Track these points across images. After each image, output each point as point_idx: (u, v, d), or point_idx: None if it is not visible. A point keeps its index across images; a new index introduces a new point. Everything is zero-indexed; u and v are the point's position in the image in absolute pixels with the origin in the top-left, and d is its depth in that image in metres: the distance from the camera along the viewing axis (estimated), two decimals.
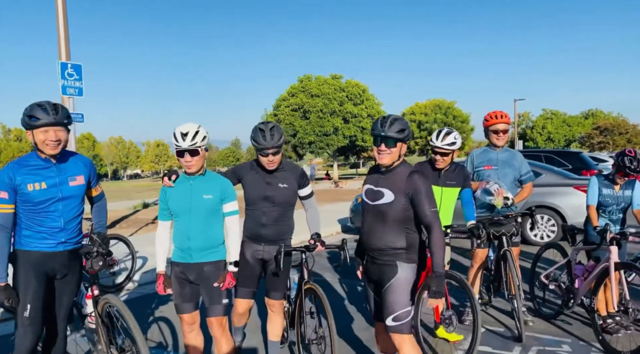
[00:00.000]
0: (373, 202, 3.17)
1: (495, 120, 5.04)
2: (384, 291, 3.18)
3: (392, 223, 3.15)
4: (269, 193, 3.74)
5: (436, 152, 4.46)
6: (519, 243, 5.19)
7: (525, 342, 4.61)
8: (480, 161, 5.15)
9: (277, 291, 3.86)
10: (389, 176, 3.18)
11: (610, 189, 4.82)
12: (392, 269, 3.17)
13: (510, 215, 4.88)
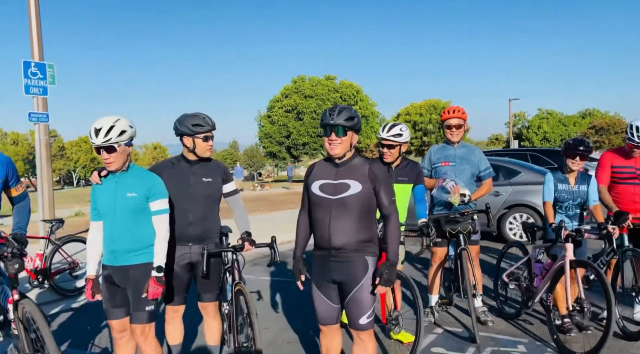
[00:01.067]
0: (336, 196, 3.01)
1: (447, 115, 4.95)
2: (356, 290, 3.02)
3: (360, 215, 3.04)
4: (192, 189, 3.63)
5: (383, 144, 4.38)
6: (478, 241, 5.09)
7: (481, 343, 4.51)
8: (437, 157, 5.05)
9: (209, 293, 3.74)
10: (349, 167, 3.07)
11: (566, 184, 4.73)
12: (362, 265, 3.05)
13: (466, 212, 4.77)
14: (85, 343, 4.76)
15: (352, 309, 3.05)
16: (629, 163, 4.86)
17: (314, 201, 3.08)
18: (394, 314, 4.12)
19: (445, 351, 4.37)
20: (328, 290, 3.11)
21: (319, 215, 3.05)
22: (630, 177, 4.84)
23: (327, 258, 3.05)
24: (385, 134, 4.33)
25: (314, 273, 3.15)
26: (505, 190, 9.72)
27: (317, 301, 3.15)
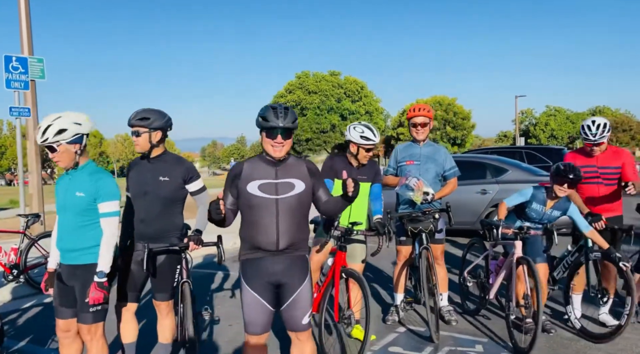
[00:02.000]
0: (281, 196, 2.96)
1: (413, 113, 4.91)
2: (301, 289, 3.01)
3: (302, 214, 3.05)
4: (148, 187, 3.62)
5: (366, 148, 4.31)
6: (442, 240, 5.06)
7: (440, 342, 4.50)
8: (403, 156, 5.01)
9: (162, 292, 3.74)
10: (287, 166, 3.02)
11: (541, 206, 4.64)
12: (304, 263, 3.08)
13: (428, 211, 4.74)
14: (47, 339, 4.79)
15: (294, 310, 3.02)
16: (591, 162, 4.80)
17: (253, 203, 2.93)
18: (347, 312, 4.10)
19: (403, 351, 4.36)
20: (267, 294, 2.99)
21: (262, 216, 2.93)
22: (592, 177, 4.78)
23: (269, 260, 2.97)
24: (369, 139, 4.27)
25: (248, 278, 2.98)
26: (492, 188, 9.66)
27: (255, 307, 2.97)
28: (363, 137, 4.25)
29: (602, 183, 4.76)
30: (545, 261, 4.72)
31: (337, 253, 4.12)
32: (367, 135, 4.25)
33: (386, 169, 5.14)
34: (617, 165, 4.74)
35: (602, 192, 4.78)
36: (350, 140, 4.28)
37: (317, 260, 4.33)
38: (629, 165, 4.74)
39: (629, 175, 4.71)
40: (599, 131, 4.62)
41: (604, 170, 4.75)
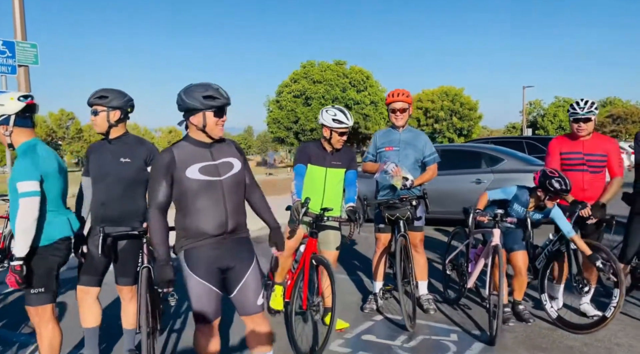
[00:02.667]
0: (223, 176, 2.89)
1: (392, 99, 4.81)
2: (251, 270, 2.98)
3: (242, 193, 3.03)
4: (108, 168, 3.56)
5: (340, 132, 4.22)
6: (421, 227, 4.98)
7: (415, 331, 4.43)
8: (382, 142, 4.92)
9: (125, 276, 3.68)
10: (219, 147, 2.95)
11: (522, 207, 4.56)
12: (250, 245, 3.04)
13: (405, 198, 4.66)
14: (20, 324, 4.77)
15: (247, 292, 2.97)
16: (577, 148, 4.69)
17: (196, 188, 2.80)
18: (316, 300, 4.03)
19: (376, 339, 4.30)
20: (215, 280, 2.89)
21: (207, 199, 2.83)
22: (578, 164, 4.67)
23: (218, 245, 2.88)
24: (341, 122, 4.17)
25: (195, 267, 2.84)
26: (487, 177, 9.54)
27: (206, 296, 2.85)
28: (335, 120, 4.16)
29: (587, 170, 4.64)
30: (523, 249, 4.64)
31: (309, 240, 4.06)
32: (339, 118, 4.16)
33: (365, 155, 5.06)
34: (603, 153, 4.62)
35: (587, 180, 4.65)
36: (323, 123, 4.20)
37: (289, 246, 4.26)
38: (615, 154, 4.64)
39: (614, 166, 4.63)
40: (587, 106, 4.52)
41: (589, 157, 4.63)
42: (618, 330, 4.40)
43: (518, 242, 4.59)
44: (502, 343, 4.15)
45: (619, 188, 4.64)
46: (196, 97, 2.77)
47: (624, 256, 4.82)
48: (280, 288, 4.37)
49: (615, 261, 4.35)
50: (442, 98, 50.35)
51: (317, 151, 4.29)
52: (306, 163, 4.27)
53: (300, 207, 3.83)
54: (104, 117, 3.53)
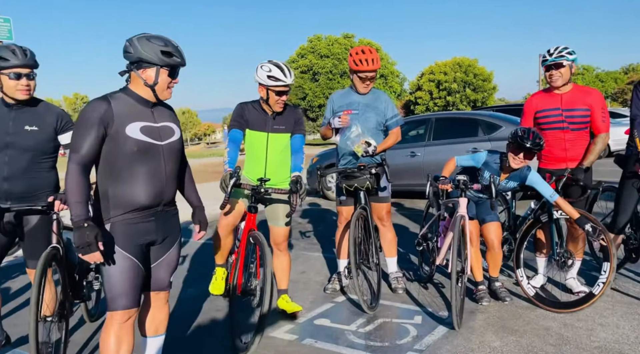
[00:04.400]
0: (164, 141, 2.53)
1: (364, 67, 4.17)
2: (176, 245, 2.72)
3: (179, 164, 2.69)
4: (11, 138, 3.13)
5: (278, 91, 3.68)
6: (387, 198, 4.49)
7: (376, 313, 4.00)
8: (340, 105, 4.40)
9: (33, 258, 3.27)
10: (162, 110, 2.61)
11: (495, 176, 4.04)
12: (177, 218, 2.76)
13: (363, 166, 4.18)
14: None
15: (164, 268, 2.69)
16: (555, 104, 4.12)
17: (135, 150, 2.42)
18: (255, 283, 3.57)
19: (330, 324, 3.86)
20: (141, 256, 2.54)
21: (146, 165, 2.47)
22: (557, 121, 4.11)
23: (150, 217, 2.53)
24: (278, 79, 3.63)
25: (123, 242, 2.46)
26: (484, 146, 8.94)
27: (131, 272, 2.47)
28: (271, 77, 3.63)
29: (568, 128, 4.08)
30: (496, 221, 4.15)
31: (247, 216, 3.61)
32: (275, 74, 3.63)
33: (323, 120, 4.56)
34: (584, 107, 4.05)
35: (569, 139, 4.10)
36: (258, 81, 3.70)
37: (227, 223, 3.77)
38: (598, 108, 4.05)
39: (598, 122, 4.06)
40: (557, 51, 3.99)
41: (569, 113, 4.07)
42: (605, 308, 3.91)
43: (490, 213, 4.10)
44: (469, 326, 3.69)
45: (604, 146, 4.09)
46: (154, 50, 2.42)
47: (614, 225, 4.30)
48: (221, 270, 3.92)
49: (606, 231, 3.85)
50: (455, 70, 49.10)
51: (256, 114, 3.80)
52: (243, 127, 3.78)
53: (228, 178, 3.35)
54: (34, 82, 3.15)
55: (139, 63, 2.45)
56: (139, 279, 2.53)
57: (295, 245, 6.51)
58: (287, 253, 4.07)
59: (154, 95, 2.52)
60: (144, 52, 2.42)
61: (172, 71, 2.51)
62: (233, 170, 3.36)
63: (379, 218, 4.49)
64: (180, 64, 2.53)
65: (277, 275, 4.07)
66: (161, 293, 2.75)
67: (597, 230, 3.77)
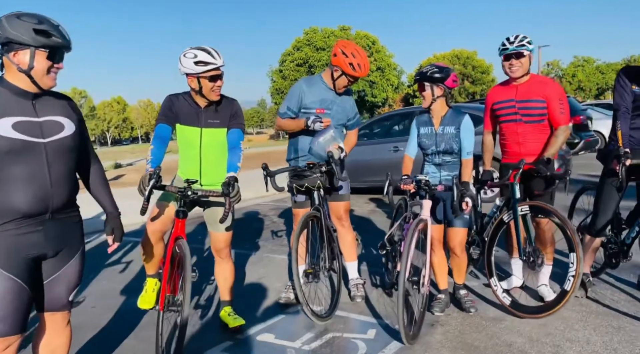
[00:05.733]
0: (47, 138, 2.20)
1: (359, 73, 3.81)
2: (75, 258, 2.38)
3: (74, 164, 2.36)
4: None
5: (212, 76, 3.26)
6: (346, 196, 4.14)
7: (327, 326, 3.65)
8: (312, 100, 3.96)
9: None
10: (50, 101, 2.29)
11: (429, 127, 3.77)
12: (79, 229, 2.43)
13: (312, 164, 3.82)
14: None
15: (59, 285, 2.36)
16: (509, 95, 3.84)
17: (6, 149, 2.11)
18: (179, 297, 3.14)
19: (273, 340, 3.49)
20: (26, 274, 2.20)
21: (23, 167, 2.16)
22: (510, 113, 3.84)
23: (36, 227, 2.20)
24: (207, 63, 3.21)
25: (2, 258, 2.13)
26: None
27: (14, 296, 2.14)
28: (199, 63, 3.20)
29: (521, 120, 3.80)
30: (463, 226, 3.78)
31: (175, 221, 3.24)
32: (203, 58, 3.21)
33: (283, 111, 4.05)
34: (538, 99, 3.75)
35: (522, 132, 3.83)
36: (186, 73, 3.31)
37: (155, 229, 3.38)
38: (555, 99, 3.75)
39: (555, 113, 3.75)
40: (517, 39, 3.69)
41: (522, 105, 3.78)
42: (577, 319, 3.56)
43: (460, 216, 3.72)
44: (425, 341, 3.34)
45: (564, 138, 3.79)
46: (25, 28, 2.11)
47: (593, 227, 3.96)
48: (152, 281, 3.54)
49: (566, 221, 3.53)
50: (454, 62, 48.63)
51: (187, 107, 3.41)
52: (172, 122, 3.39)
53: (147, 180, 2.97)
54: None
55: (9, 45, 2.12)
56: (23, 300, 2.18)
57: (263, 246, 6.16)
58: (230, 261, 3.72)
59: (34, 83, 2.19)
60: (13, 31, 2.09)
61: (53, 54, 2.18)
62: (153, 171, 2.99)
63: (337, 217, 4.15)
64: (62, 46, 2.20)
65: (219, 286, 3.74)
66: (58, 314, 2.41)
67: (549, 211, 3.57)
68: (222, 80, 3.33)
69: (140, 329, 3.72)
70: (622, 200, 3.81)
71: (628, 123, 3.71)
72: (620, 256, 4.02)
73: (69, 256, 2.35)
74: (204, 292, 4.41)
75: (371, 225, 7.08)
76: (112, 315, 4.03)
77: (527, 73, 3.78)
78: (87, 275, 5.03)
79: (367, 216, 7.78)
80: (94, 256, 5.58)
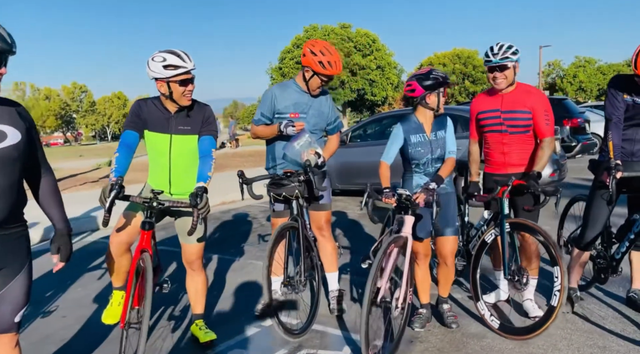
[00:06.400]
0: None
1: (332, 71, 3.64)
2: (20, 276, 2.23)
3: (19, 175, 2.21)
4: None
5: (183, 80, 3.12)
6: (327, 206, 3.99)
7: (302, 342, 3.52)
8: (285, 105, 3.82)
9: None
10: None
11: (421, 134, 3.56)
12: (24, 243, 2.27)
13: (290, 172, 3.68)
14: None
15: (6, 306, 2.21)
16: (494, 105, 3.72)
17: None
18: (141, 312, 3.00)
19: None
20: None
21: None
22: (496, 123, 3.72)
23: None
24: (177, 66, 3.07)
25: None
26: (463, 143, 8.40)
27: None
28: (169, 66, 3.06)
29: (506, 131, 3.69)
30: (454, 235, 3.62)
31: (140, 233, 3.10)
32: (172, 62, 3.06)
33: (257, 118, 3.91)
34: (524, 110, 3.64)
35: (507, 143, 3.72)
36: (154, 77, 3.15)
37: (118, 241, 3.25)
38: (540, 111, 3.64)
39: (541, 125, 3.65)
40: (501, 51, 3.54)
41: (507, 115, 3.67)
42: (562, 338, 3.42)
43: (450, 224, 3.57)
44: None
45: (551, 151, 3.67)
46: None
47: (581, 240, 3.83)
48: (119, 294, 3.41)
49: (548, 236, 3.39)
50: (454, 62, 48.44)
51: (157, 113, 3.26)
52: (139, 129, 3.25)
53: (108, 190, 2.83)
54: None
55: None
56: None
57: (247, 251, 6.03)
58: (202, 273, 3.58)
59: None
60: None
61: None
62: (116, 181, 2.85)
63: (318, 227, 4.01)
64: (4, 50, 2.04)
65: (191, 298, 3.60)
66: (3, 336, 2.25)
67: None
68: (193, 84, 3.19)
69: (108, 343, 3.57)
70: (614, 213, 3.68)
71: (620, 134, 3.58)
72: (609, 271, 3.89)
73: (12, 273, 2.20)
74: (179, 302, 4.27)
75: (361, 231, 6.95)
76: (81, 326, 3.88)
77: (512, 83, 3.65)
78: (64, 281, 4.93)
79: (358, 220, 7.65)
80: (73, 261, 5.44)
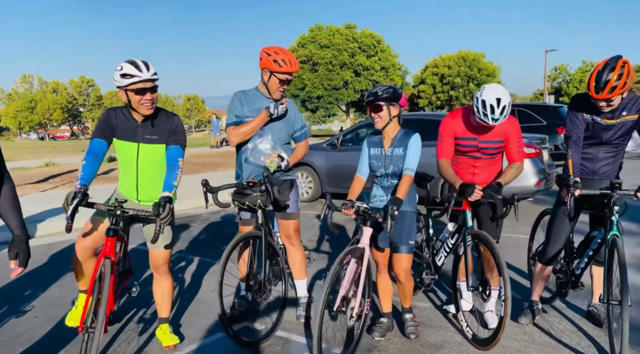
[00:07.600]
0: None
1: (285, 68, 3.72)
2: None
3: None
4: None
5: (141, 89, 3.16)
6: (295, 215, 4.07)
7: (262, 348, 3.59)
8: (250, 109, 3.89)
9: None
10: None
11: (378, 148, 3.66)
12: None
13: (252, 182, 3.76)
14: None
15: None
16: (473, 134, 3.80)
17: None
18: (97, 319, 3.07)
19: None
20: None
21: None
22: (472, 150, 3.85)
23: None
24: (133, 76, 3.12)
25: None
26: None
27: None
28: (125, 75, 3.12)
29: (480, 157, 3.86)
30: (407, 252, 3.65)
31: (105, 240, 3.19)
32: (128, 71, 3.12)
33: (231, 121, 3.92)
34: (499, 139, 3.79)
35: (479, 164, 3.90)
36: (117, 85, 3.23)
37: (83, 246, 3.33)
38: (514, 139, 3.77)
39: (512, 152, 3.79)
40: (504, 114, 3.54)
41: (484, 145, 3.81)
42: (515, 350, 3.51)
43: (405, 239, 3.62)
44: None
45: (517, 172, 3.79)
46: None
47: (543, 255, 3.91)
48: (84, 297, 3.49)
49: (493, 246, 3.47)
50: (460, 64, 48.34)
51: (125, 121, 3.35)
52: (108, 137, 3.33)
53: (71, 198, 2.92)
54: None
55: None
56: None
57: None
58: (169, 278, 3.67)
59: None
60: None
61: None
62: (79, 189, 2.94)
63: (287, 236, 4.09)
64: None
65: (157, 303, 3.69)
66: None
67: None
68: (152, 94, 3.23)
69: (75, 344, 3.67)
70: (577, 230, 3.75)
71: (579, 152, 3.65)
72: (569, 286, 3.97)
73: None
74: (151, 306, 4.36)
75: (344, 235, 7.03)
76: (51, 327, 3.97)
77: None
78: (43, 281, 5.04)
79: (343, 224, 7.73)
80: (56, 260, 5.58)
